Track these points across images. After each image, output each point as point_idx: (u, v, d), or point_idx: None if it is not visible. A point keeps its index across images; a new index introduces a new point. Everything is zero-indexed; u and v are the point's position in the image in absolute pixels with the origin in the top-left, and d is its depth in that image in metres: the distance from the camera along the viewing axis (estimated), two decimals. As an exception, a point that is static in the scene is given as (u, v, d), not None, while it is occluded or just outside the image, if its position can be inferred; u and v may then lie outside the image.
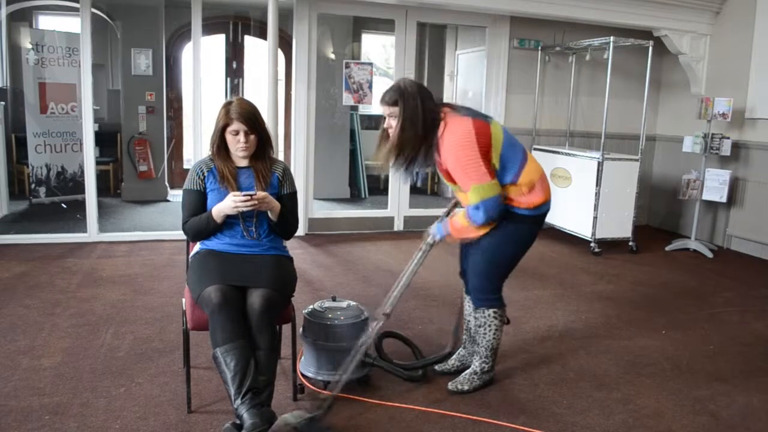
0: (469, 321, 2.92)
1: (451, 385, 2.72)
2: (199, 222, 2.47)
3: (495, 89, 6.13)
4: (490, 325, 2.69)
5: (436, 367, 2.91)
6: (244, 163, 2.54)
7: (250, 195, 2.35)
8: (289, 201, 2.58)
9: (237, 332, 2.21)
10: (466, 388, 2.71)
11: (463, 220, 2.52)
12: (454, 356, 2.96)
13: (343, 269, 4.64)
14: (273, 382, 2.27)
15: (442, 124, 2.49)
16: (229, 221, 2.47)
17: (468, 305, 2.89)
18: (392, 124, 2.54)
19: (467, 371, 2.78)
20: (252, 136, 2.48)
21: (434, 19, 6.24)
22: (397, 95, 2.50)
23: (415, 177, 2.73)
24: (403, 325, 3.47)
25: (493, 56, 6.12)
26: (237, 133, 2.45)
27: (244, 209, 2.39)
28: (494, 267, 2.64)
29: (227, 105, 2.48)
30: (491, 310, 2.68)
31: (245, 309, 2.28)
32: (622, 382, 2.89)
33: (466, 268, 2.79)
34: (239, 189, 2.47)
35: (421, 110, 2.48)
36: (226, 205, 2.39)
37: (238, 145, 2.46)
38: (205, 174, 2.51)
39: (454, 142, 2.43)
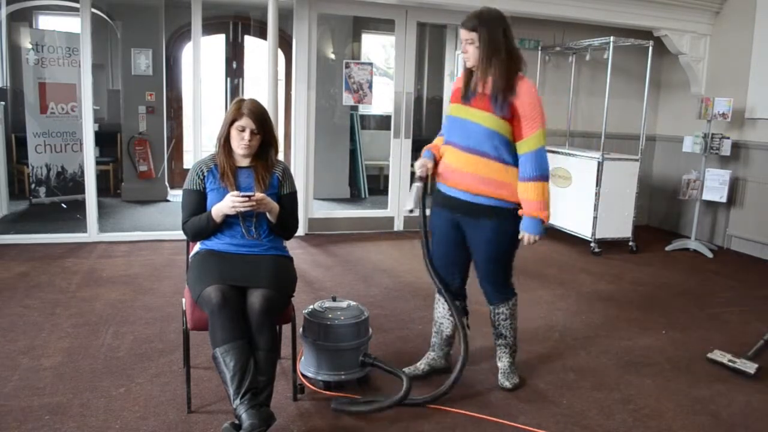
0: (441, 324, 2.86)
1: (508, 384, 2.75)
2: (198, 222, 2.47)
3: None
4: (515, 314, 2.77)
5: (406, 370, 2.79)
6: (245, 162, 2.54)
7: (249, 196, 2.36)
8: (288, 201, 2.58)
9: (236, 332, 2.20)
10: (516, 380, 2.77)
11: (539, 187, 2.46)
12: (424, 360, 2.90)
13: (343, 269, 4.64)
14: (272, 382, 2.26)
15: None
16: (229, 221, 2.47)
17: (441, 307, 2.83)
18: (468, 50, 2.49)
19: (505, 367, 2.79)
20: (257, 136, 2.48)
21: (434, 19, 6.24)
22: (478, 20, 2.47)
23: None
24: (403, 325, 3.47)
25: (493, 56, 6.10)
26: (243, 129, 2.46)
27: (243, 210, 2.39)
28: (505, 263, 2.70)
29: (240, 101, 2.50)
30: (512, 299, 2.75)
31: (245, 309, 2.28)
32: (622, 382, 2.89)
33: (444, 270, 2.75)
34: (238, 187, 2.47)
35: (504, 43, 2.47)
36: (224, 204, 2.39)
37: (242, 143, 2.47)
38: (205, 174, 2.51)
39: (535, 87, 2.53)
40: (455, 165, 2.58)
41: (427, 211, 2.77)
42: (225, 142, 2.51)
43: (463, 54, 2.54)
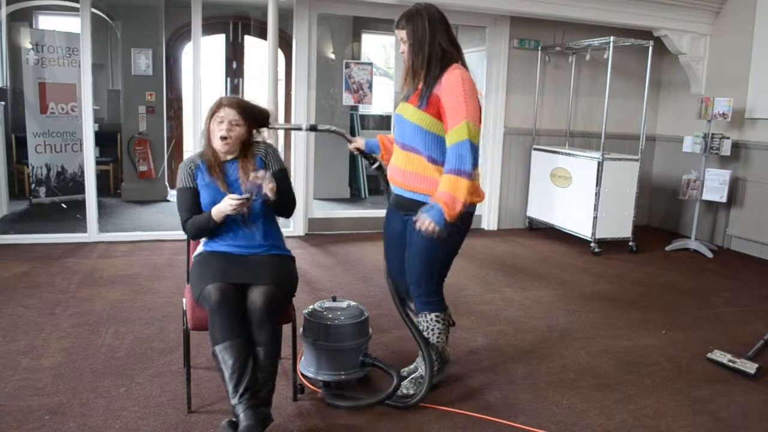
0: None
1: (403, 390, 2.64)
2: (199, 222, 2.47)
3: (495, 89, 6.13)
4: (433, 330, 2.62)
5: (404, 370, 2.81)
6: (229, 156, 2.52)
7: (246, 198, 2.34)
8: (280, 179, 2.51)
9: (236, 330, 2.20)
10: (411, 392, 2.62)
11: (453, 180, 2.27)
12: (419, 359, 2.85)
13: (343, 269, 4.64)
14: (273, 379, 2.26)
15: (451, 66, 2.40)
16: (229, 221, 2.46)
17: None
18: (404, 48, 2.48)
19: (414, 375, 2.71)
20: (238, 127, 2.46)
21: (434, 19, 6.23)
22: (407, 18, 2.44)
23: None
24: (403, 325, 3.45)
25: (493, 56, 6.12)
26: (222, 121, 2.45)
27: (244, 210, 2.38)
28: (433, 268, 2.53)
29: (219, 97, 2.54)
30: (433, 314, 2.61)
31: (246, 308, 2.28)
32: (622, 382, 2.89)
33: (393, 271, 2.73)
34: (227, 180, 2.47)
35: (429, 35, 2.39)
36: (224, 207, 2.38)
37: (220, 134, 2.43)
38: (194, 171, 2.51)
39: (461, 75, 2.36)
40: (395, 163, 2.57)
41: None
42: (208, 137, 2.52)
43: (402, 53, 2.51)
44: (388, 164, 2.69)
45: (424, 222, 2.27)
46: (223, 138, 2.45)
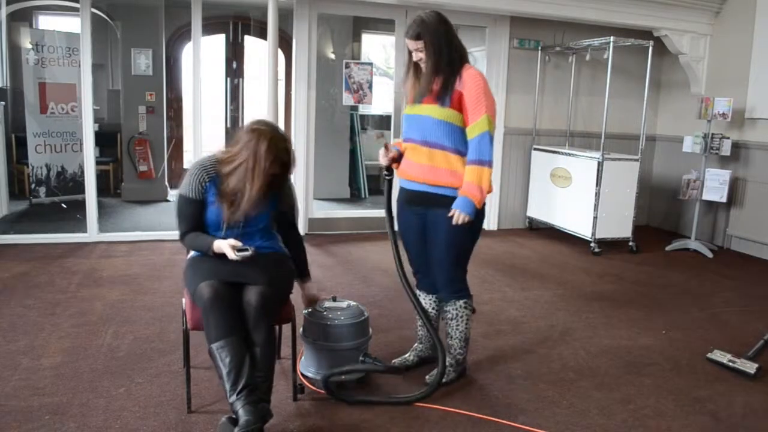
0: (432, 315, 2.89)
1: (428, 378, 2.71)
2: (197, 244, 2.41)
3: (495, 89, 6.12)
4: (462, 317, 2.73)
5: (395, 361, 2.90)
6: None
7: (248, 255, 2.28)
8: (290, 215, 2.56)
9: (230, 328, 2.20)
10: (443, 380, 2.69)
11: (477, 170, 2.51)
12: (412, 352, 2.96)
13: (343, 269, 4.64)
14: (271, 378, 2.26)
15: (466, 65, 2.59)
16: (225, 234, 2.42)
17: (424, 300, 2.86)
18: (421, 56, 2.58)
19: (432, 373, 2.73)
20: None
21: (434, 19, 6.23)
22: (420, 28, 2.55)
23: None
24: (403, 325, 3.47)
25: (493, 56, 6.11)
26: (275, 174, 2.34)
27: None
28: (460, 256, 2.68)
29: (273, 146, 2.27)
30: (462, 301, 2.71)
31: (241, 305, 2.27)
32: (622, 382, 2.89)
33: (420, 266, 2.81)
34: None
35: (446, 38, 2.55)
36: (226, 250, 2.29)
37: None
38: (207, 183, 2.38)
39: (480, 75, 2.57)
40: (414, 159, 2.66)
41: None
42: (252, 164, 2.28)
43: (419, 61, 2.60)
44: (401, 163, 2.76)
45: (459, 216, 2.51)
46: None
